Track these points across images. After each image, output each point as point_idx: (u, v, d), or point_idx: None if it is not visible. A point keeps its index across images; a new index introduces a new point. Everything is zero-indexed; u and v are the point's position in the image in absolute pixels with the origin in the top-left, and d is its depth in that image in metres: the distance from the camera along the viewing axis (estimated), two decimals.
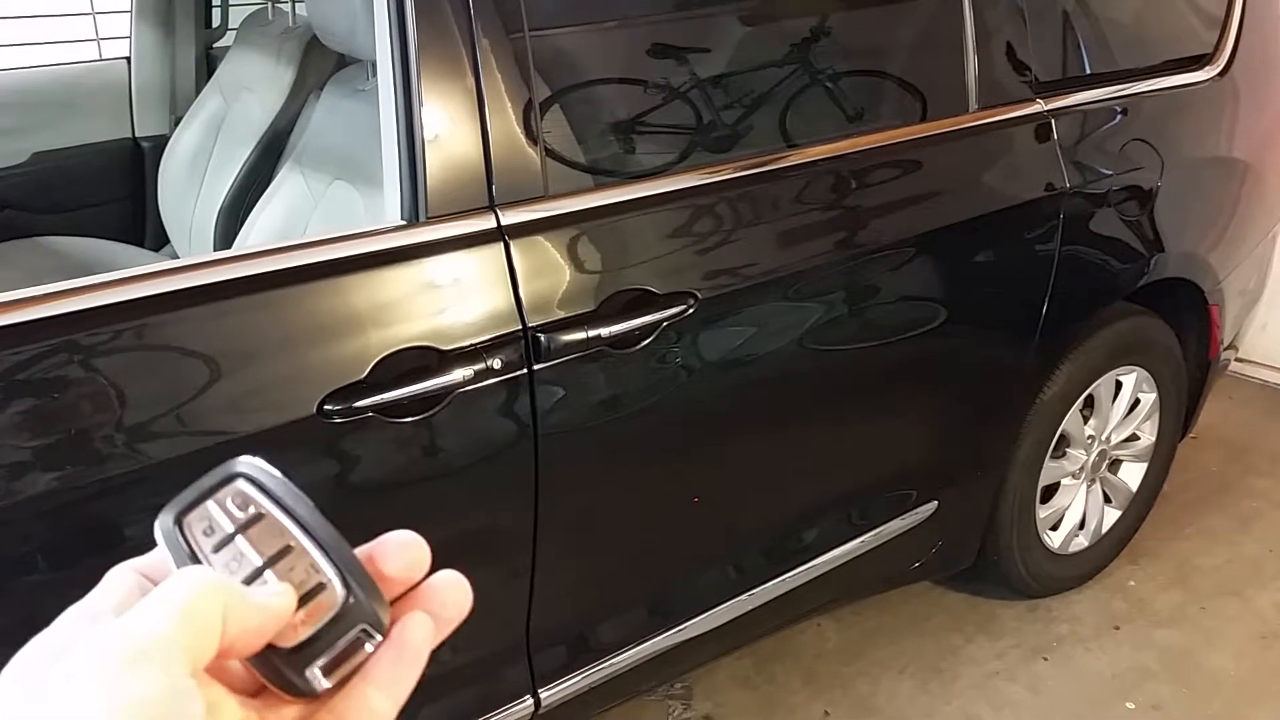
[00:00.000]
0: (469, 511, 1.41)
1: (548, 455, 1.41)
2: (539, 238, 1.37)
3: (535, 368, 1.35)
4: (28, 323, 1.08)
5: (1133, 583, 2.51)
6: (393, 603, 0.40)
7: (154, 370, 1.15)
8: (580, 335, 1.37)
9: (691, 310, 1.47)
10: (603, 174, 1.51)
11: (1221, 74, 2.23)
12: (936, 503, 2.05)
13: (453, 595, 0.41)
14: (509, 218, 1.34)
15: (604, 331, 1.39)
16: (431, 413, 1.28)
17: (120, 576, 0.38)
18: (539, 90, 1.40)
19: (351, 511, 1.23)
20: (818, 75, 1.72)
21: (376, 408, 1.24)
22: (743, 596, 1.81)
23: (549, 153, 1.39)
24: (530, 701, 1.60)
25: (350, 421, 1.22)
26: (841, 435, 1.87)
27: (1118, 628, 2.38)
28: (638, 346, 1.44)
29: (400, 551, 0.40)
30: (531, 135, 1.37)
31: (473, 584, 0.41)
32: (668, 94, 1.57)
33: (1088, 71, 2.02)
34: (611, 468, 1.55)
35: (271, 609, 0.37)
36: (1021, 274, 1.95)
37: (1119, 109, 2.05)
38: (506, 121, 1.35)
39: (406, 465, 1.31)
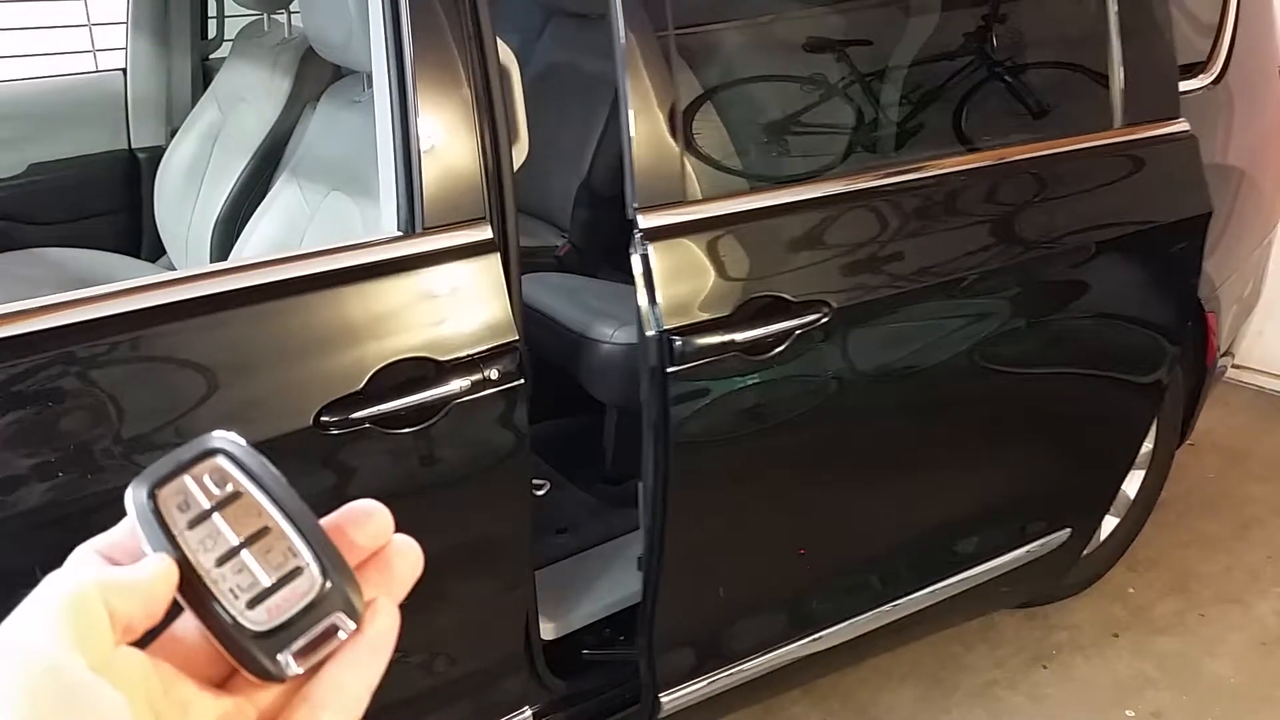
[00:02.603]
0: (466, 522, 1.40)
1: (679, 462, 1.42)
2: None
3: (668, 370, 1.37)
4: (24, 335, 1.08)
5: (1132, 590, 2.51)
6: (355, 568, 0.40)
7: (151, 382, 1.15)
8: (716, 339, 1.38)
9: (828, 321, 1.45)
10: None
11: (1215, 81, 2.23)
12: (1070, 530, 2.06)
13: (409, 560, 0.42)
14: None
15: (738, 336, 1.40)
16: (429, 423, 1.28)
17: (84, 561, 0.38)
18: None
19: None
20: (933, 90, 1.69)
21: (374, 419, 1.23)
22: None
23: None
24: (529, 713, 1.59)
25: (348, 433, 1.22)
26: (955, 459, 1.84)
27: (1117, 635, 2.37)
28: (769, 354, 1.44)
29: (367, 521, 0.41)
30: None
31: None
32: (782, 104, 1.55)
33: None
34: (742, 479, 1.55)
35: (143, 580, 0.36)
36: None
37: None
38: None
39: (404, 476, 1.30)
